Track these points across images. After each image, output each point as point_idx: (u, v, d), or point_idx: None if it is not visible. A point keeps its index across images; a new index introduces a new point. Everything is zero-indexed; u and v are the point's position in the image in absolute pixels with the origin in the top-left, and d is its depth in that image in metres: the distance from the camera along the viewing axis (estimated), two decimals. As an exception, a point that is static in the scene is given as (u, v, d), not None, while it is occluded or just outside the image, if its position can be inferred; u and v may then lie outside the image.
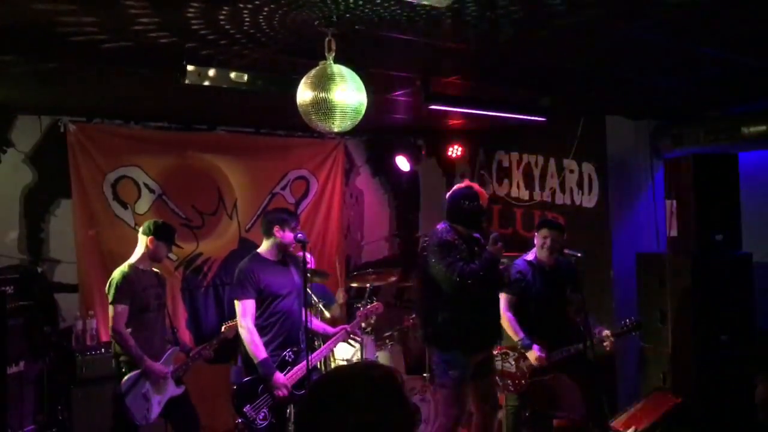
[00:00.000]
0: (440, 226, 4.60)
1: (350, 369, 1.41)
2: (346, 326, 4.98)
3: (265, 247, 4.69)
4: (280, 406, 4.45)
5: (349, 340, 5.13)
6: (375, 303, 5.36)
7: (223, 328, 4.99)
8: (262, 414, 4.42)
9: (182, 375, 4.82)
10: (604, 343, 5.07)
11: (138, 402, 4.53)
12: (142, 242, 4.73)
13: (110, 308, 4.58)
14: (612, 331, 5.13)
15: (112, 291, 4.57)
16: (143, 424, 4.59)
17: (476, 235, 4.69)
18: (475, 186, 4.68)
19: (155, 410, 4.60)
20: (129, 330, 4.54)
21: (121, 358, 4.59)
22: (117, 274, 4.64)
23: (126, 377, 4.53)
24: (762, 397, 2.00)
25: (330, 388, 1.37)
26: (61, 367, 5.23)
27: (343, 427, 1.27)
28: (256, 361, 4.41)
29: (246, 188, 6.65)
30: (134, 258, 4.74)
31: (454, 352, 4.46)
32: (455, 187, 4.77)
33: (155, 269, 4.91)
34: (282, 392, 4.40)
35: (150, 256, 4.75)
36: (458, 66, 4.46)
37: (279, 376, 4.43)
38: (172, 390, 4.70)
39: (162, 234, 4.76)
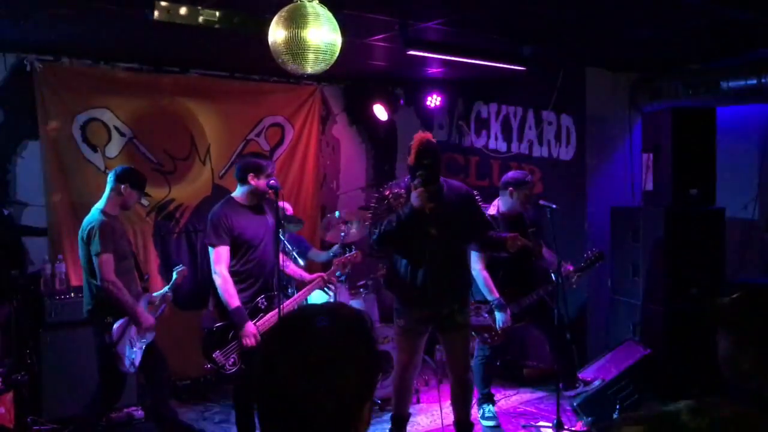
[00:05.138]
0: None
1: (317, 308, 1.38)
2: (322, 274, 4.92)
3: (239, 192, 4.60)
4: (249, 354, 4.40)
5: (325, 288, 5.10)
6: (354, 252, 5.30)
7: (175, 274, 4.87)
8: (232, 360, 4.40)
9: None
10: (572, 280, 5.14)
11: (126, 349, 4.47)
12: (112, 188, 4.55)
13: (96, 259, 4.38)
14: (576, 266, 5.20)
15: (97, 240, 4.36)
16: (131, 372, 4.56)
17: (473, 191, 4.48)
18: (418, 137, 4.26)
19: (138, 356, 4.55)
20: None
21: (105, 309, 4.45)
22: (96, 222, 4.43)
23: (116, 325, 4.43)
24: (725, 354, 2.00)
25: (294, 326, 1.33)
26: (29, 311, 5.16)
27: (304, 364, 1.25)
28: (229, 309, 4.36)
29: (219, 134, 6.51)
30: (102, 204, 4.55)
31: (400, 303, 4.46)
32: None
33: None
34: (249, 341, 4.35)
35: (120, 203, 4.59)
36: (439, 11, 4.36)
37: (250, 326, 4.39)
38: (149, 336, 4.65)
39: (135, 182, 4.61)
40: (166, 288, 4.88)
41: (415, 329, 4.43)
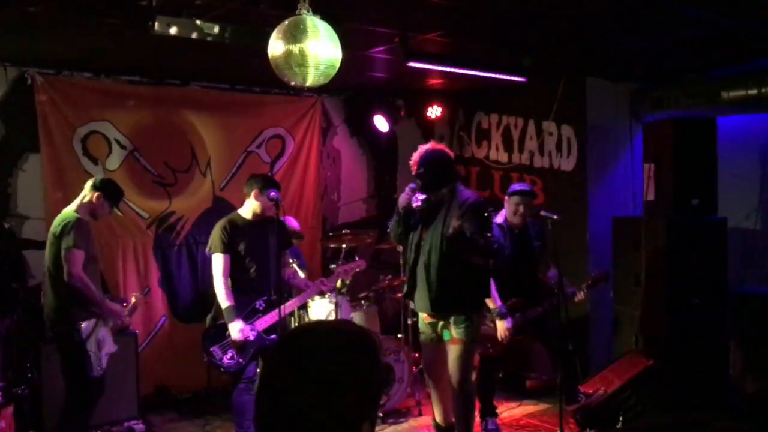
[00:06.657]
0: None
1: (319, 323, 1.39)
2: (323, 278, 5.11)
3: (245, 206, 4.83)
4: (245, 349, 4.59)
5: (325, 294, 5.29)
6: (358, 260, 5.39)
7: (132, 299, 4.93)
8: (230, 354, 4.62)
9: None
10: (575, 298, 5.14)
11: (94, 351, 4.45)
12: (87, 195, 4.53)
13: (67, 253, 4.32)
14: (582, 284, 5.21)
15: (72, 236, 4.33)
16: (96, 376, 4.47)
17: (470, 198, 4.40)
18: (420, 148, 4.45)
19: (104, 362, 4.54)
20: None
21: (73, 308, 4.41)
22: (73, 219, 4.40)
23: (84, 323, 4.42)
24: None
25: (296, 339, 1.35)
26: (29, 324, 5.14)
27: (305, 376, 1.25)
28: (223, 308, 4.62)
29: (220, 146, 6.51)
30: (74, 206, 4.52)
31: None
32: None
33: None
34: (235, 336, 4.54)
35: (90, 210, 4.55)
36: (439, 22, 4.37)
37: (236, 323, 4.55)
38: (110, 346, 4.61)
39: (110, 194, 4.59)
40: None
41: (423, 332, 4.55)
